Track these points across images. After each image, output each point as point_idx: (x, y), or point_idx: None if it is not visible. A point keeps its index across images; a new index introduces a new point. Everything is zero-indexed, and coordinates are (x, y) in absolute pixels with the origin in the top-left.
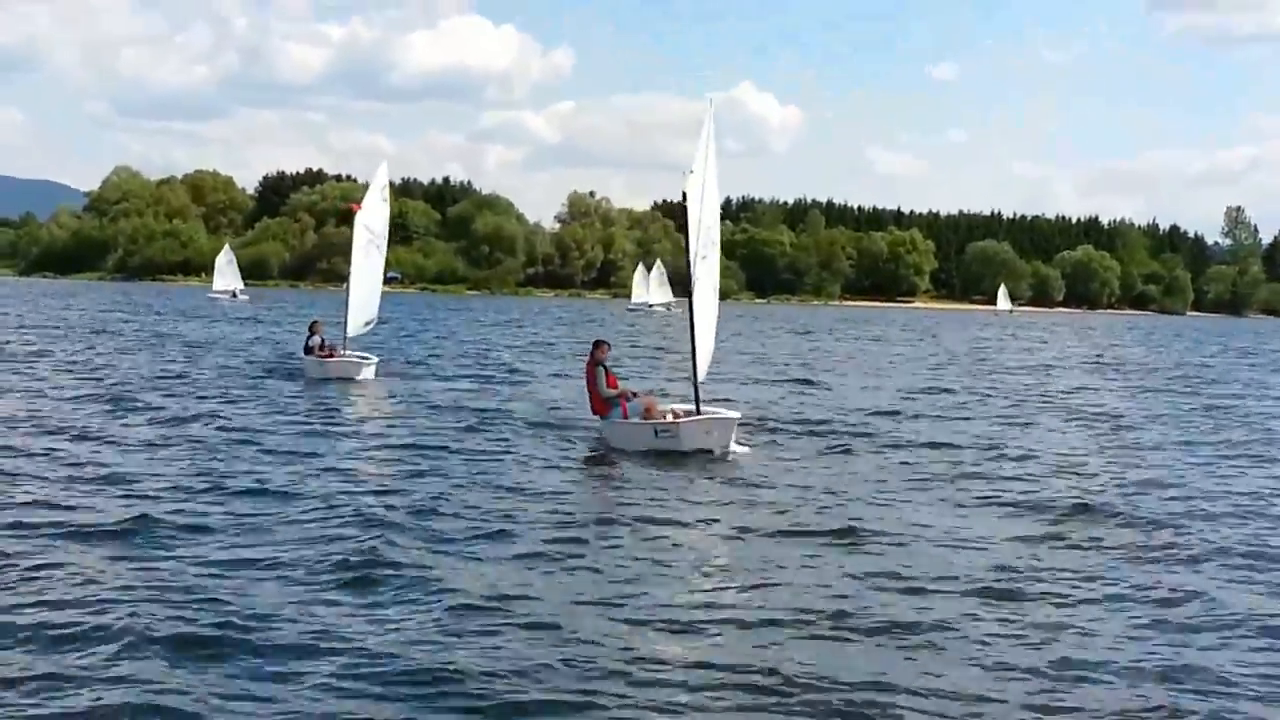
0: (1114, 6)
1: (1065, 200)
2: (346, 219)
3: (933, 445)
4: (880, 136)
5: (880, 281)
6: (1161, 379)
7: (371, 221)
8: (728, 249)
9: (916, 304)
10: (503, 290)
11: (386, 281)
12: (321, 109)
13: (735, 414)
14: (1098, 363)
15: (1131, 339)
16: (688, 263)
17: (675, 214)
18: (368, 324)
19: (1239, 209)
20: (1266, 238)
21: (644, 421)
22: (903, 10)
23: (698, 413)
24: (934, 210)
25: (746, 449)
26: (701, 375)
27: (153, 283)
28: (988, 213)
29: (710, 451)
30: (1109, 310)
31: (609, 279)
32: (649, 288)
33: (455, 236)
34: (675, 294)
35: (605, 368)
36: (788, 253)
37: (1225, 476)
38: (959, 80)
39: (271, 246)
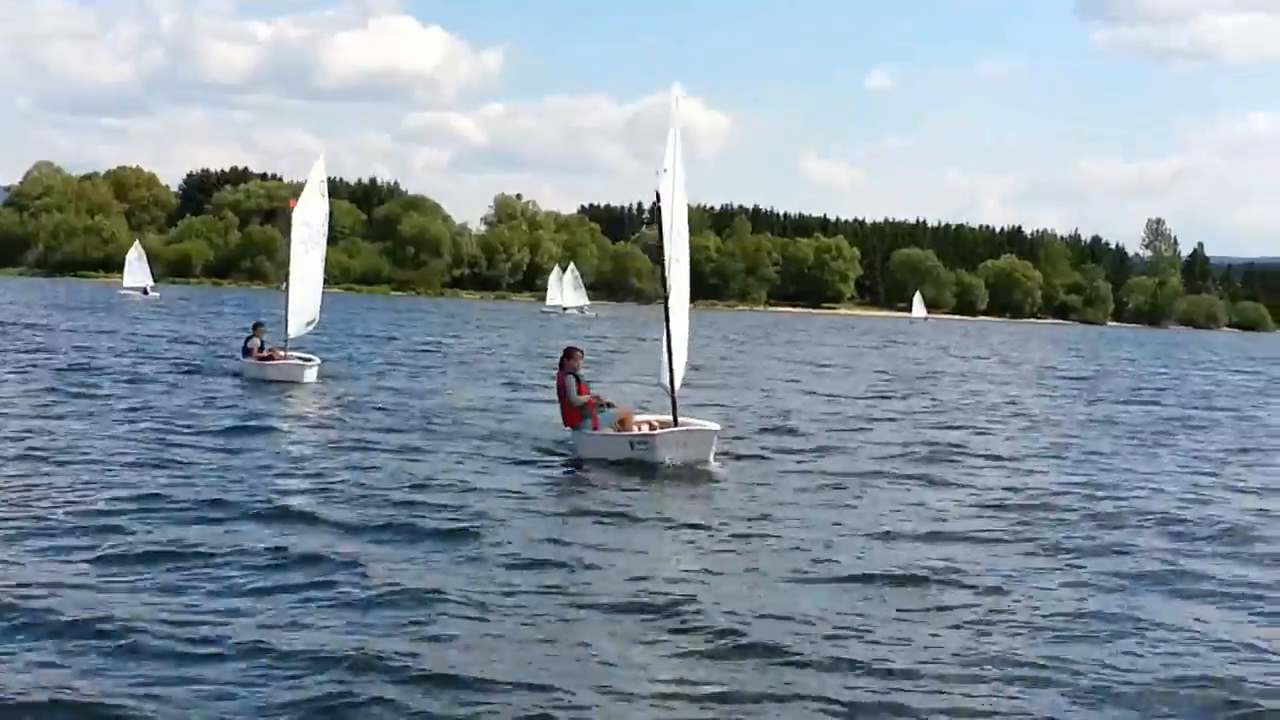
0: (1044, 18)
1: (991, 210)
2: (271, 217)
3: (897, 450)
4: (809, 144)
5: (806, 288)
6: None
7: (310, 217)
8: (653, 253)
9: (841, 310)
10: (428, 291)
11: None
12: (248, 107)
13: (714, 426)
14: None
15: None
16: (662, 267)
17: (602, 218)
18: (309, 324)
19: (1159, 221)
20: (1186, 250)
21: (619, 433)
22: (836, 19)
23: (675, 424)
24: (860, 218)
25: (720, 463)
26: (678, 384)
27: (74, 279)
28: (914, 221)
29: (687, 464)
30: (1031, 320)
31: (535, 282)
32: (563, 290)
33: (381, 237)
34: (590, 297)
35: (577, 376)
36: (714, 258)
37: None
38: (890, 89)
39: (195, 245)
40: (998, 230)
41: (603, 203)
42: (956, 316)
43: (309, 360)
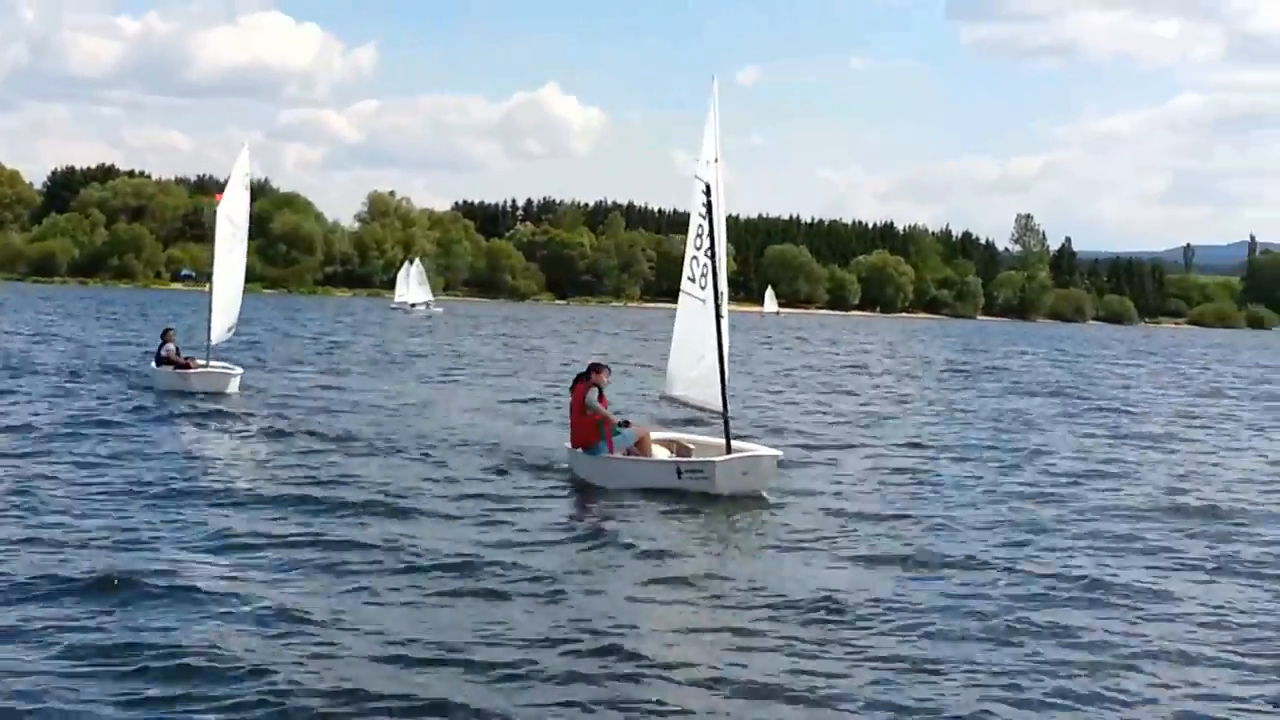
0: (913, 17)
1: (864, 206)
2: (138, 215)
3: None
4: (682, 140)
5: (679, 284)
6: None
7: (234, 213)
8: (527, 250)
9: None
10: (300, 289)
11: (179, 279)
12: (114, 103)
13: (775, 451)
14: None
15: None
16: (714, 269)
17: (476, 215)
18: (229, 330)
19: (1028, 216)
20: (1054, 244)
21: (662, 459)
22: (706, 15)
23: (728, 449)
24: (734, 214)
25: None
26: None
27: None
28: (787, 217)
29: (745, 493)
30: (902, 314)
31: None
32: (409, 286)
33: (253, 235)
34: (463, 294)
35: (601, 390)
36: (588, 255)
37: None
38: (762, 85)
39: (60, 243)
40: (870, 226)
41: (476, 200)
42: (825, 311)
43: (230, 369)
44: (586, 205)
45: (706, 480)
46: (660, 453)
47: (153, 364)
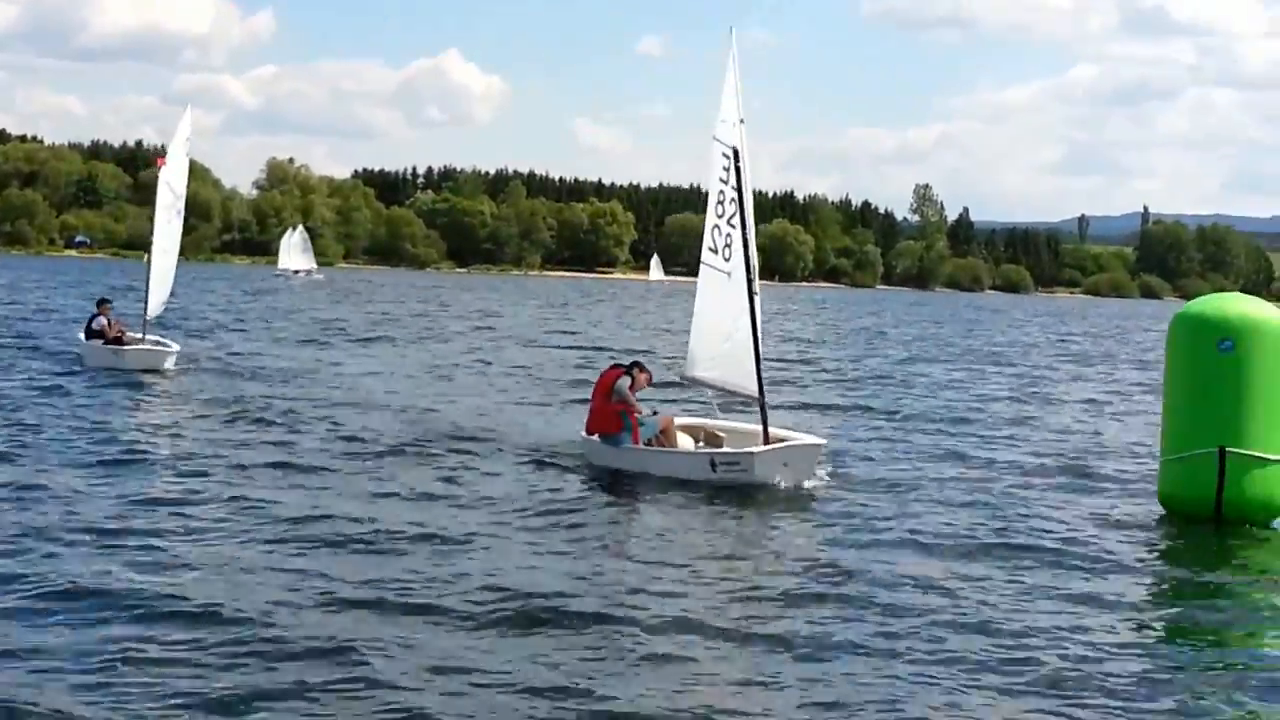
0: None
1: (764, 176)
2: (30, 180)
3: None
4: (584, 109)
5: (581, 253)
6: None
7: (175, 180)
8: (428, 218)
9: (615, 275)
10: (197, 257)
11: (74, 246)
12: (6, 67)
13: (818, 440)
14: None
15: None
16: (744, 239)
17: (376, 182)
18: (163, 303)
19: (927, 186)
20: (952, 214)
21: (702, 450)
22: None
23: (765, 437)
24: (635, 182)
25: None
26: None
27: None
28: (688, 186)
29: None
30: (803, 283)
31: None
32: (291, 254)
33: (148, 201)
34: (364, 262)
35: (633, 377)
36: (488, 223)
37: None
38: (664, 55)
39: None
40: (770, 195)
41: (376, 167)
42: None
43: (166, 345)
44: (487, 173)
45: (744, 472)
46: (685, 441)
47: (81, 336)
